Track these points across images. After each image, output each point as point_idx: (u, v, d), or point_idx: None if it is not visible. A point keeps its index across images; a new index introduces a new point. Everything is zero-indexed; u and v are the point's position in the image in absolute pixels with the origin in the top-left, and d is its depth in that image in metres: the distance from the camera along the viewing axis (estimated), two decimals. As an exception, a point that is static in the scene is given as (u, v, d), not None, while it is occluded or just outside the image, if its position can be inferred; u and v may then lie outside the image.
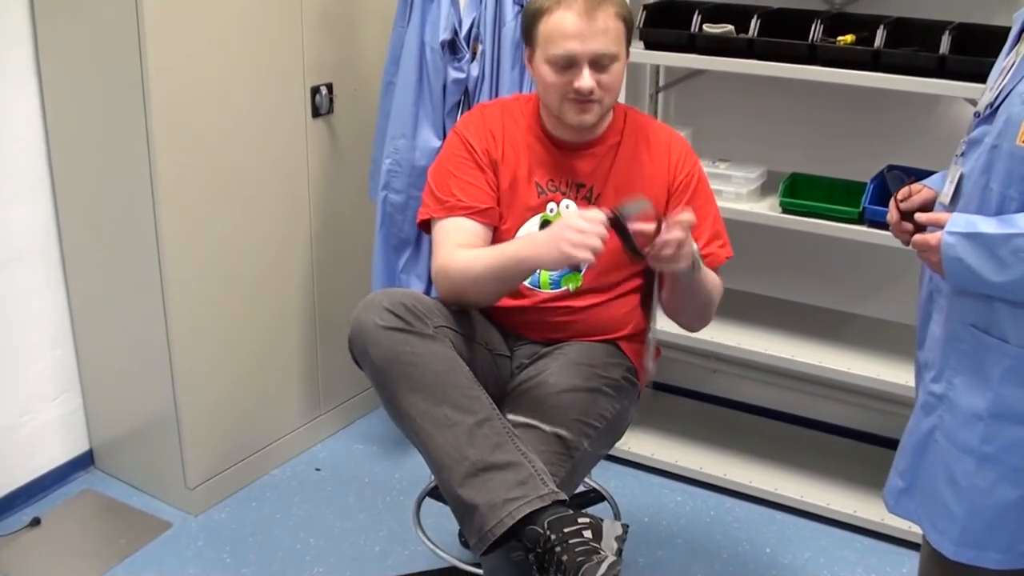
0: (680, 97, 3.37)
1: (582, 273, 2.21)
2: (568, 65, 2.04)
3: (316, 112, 3.07)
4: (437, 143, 2.93)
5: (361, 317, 1.97)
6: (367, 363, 1.98)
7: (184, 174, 2.72)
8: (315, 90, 3.04)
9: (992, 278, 1.61)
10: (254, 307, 3.04)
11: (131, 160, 2.67)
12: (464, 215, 2.15)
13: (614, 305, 2.25)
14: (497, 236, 2.20)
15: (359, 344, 1.97)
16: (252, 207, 2.94)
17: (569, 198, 2.20)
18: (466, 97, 2.92)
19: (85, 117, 2.76)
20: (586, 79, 2.04)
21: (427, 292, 2.94)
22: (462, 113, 2.93)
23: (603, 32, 2.03)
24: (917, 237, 1.74)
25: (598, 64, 2.05)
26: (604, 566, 1.72)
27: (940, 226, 1.68)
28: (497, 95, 2.88)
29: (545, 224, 2.18)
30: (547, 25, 2.05)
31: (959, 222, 1.65)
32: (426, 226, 2.25)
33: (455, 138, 2.22)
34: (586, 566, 1.72)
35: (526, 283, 2.20)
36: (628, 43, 2.12)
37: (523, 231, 2.19)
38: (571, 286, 2.22)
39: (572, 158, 2.20)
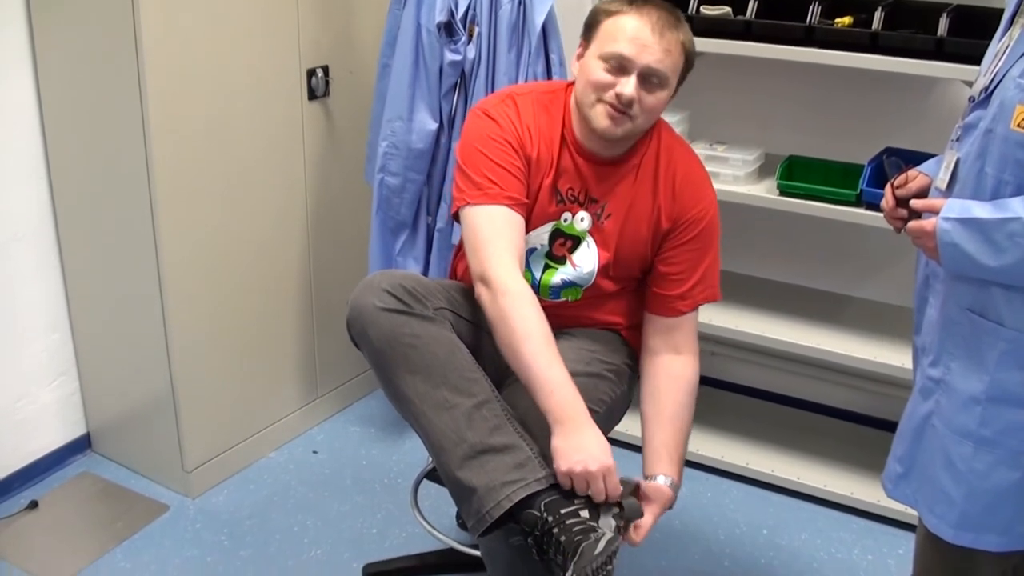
0: (677, 79, 3.35)
1: (583, 289, 2.19)
2: (618, 68, 1.97)
3: (312, 95, 3.06)
4: (433, 125, 2.92)
5: (360, 298, 1.95)
6: (366, 345, 1.97)
7: (180, 157, 2.71)
8: (311, 72, 3.03)
9: (988, 263, 1.61)
10: (251, 290, 3.04)
11: (126, 143, 2.67)
12: (507, 204, 2.03)
13: (616, 298, 2.24)
14: None
15: (358, 326, 1.96)
16: (248, 189, 2.94)
17: (585, 211, 2.13)
18: (462, 80, 2.91)
19: (80, 100, 2.75)
20: (630, 87, 1.96)
21: (424, 274, 2.94)
22: (458, 96, 2.93)
23: (665, 51, 1.96)
24: (912, 223, 1.74)
25: (647, 80, 1.98)
26: (602, 543, 1.72)
27: (935, 212, 1.68)
28: (493, 78, 2.86)
29: (556, 233, 2.13)
30: (613, 24, 1.98)
31: (954, 208, 1.65)
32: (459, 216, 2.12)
33: (490, 122, 2.09)
34: (584, 544, 1.72)
35: None
36: (680, 81, 2.06)
37: (534, 236, 2.13)
38: (570, 298, 2.20)
39: (594, 171, 2.12)
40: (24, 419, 3.00)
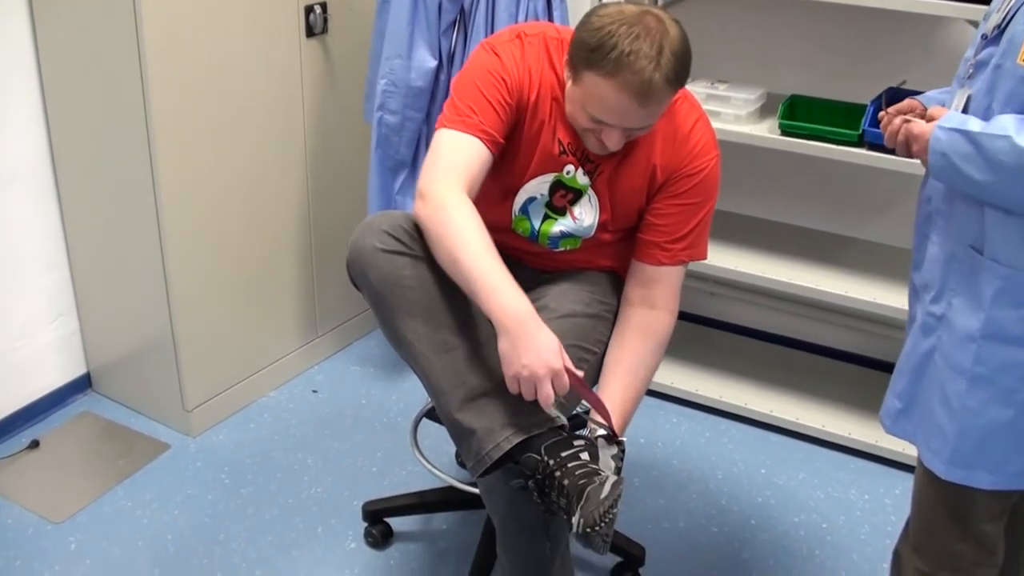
0: (678, 18, 3.29)
1: (582, 240, 2.16)
2: (601, 122, 1.91)
3: (310, 32, 3.02)
4: (432, 63, 2.89)
5: (360, 240, 1.94)
6: (366, 286, 1.95)
7: (177, 96, 2.68)
8: (309, 9, 2.99)
9: (974, 175, 1.60)
10: (250, 229, 3.03)
11: (123, 82, 2.64)
12: (480, 136, 1.96)
13: (615, 244, 2.22)
14: (512, 176, 2.08)
15: (357, 267, 1.95)
16: (246, 128, 2.91)
17: (583, 167, 2.07)
18: (462, 16, 2.88)
19: (77, 39, 2.72)
20: (614, 140, 1.93)
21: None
22: (457, 33, 2.89)
23: (647, 116, 1.90)
24: (911, 125, 1.74)
25: (632, 130, 1.94)
26: (607, 486, 1.72)
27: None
28: (493, 14, 2.83)
29: (557, 184, 2.08)
30: (597, 86, 1.84)
31: (952, 119, 1.65)
32: None
33: (493, 57, 2.02)
34: (590, 488, 1.72)
35: (524, 234, 2.13)
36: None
37: (534, 185, 2.08)
38: (569, 247, 2.17)
39: None
40: (24, 359, 3.01)
